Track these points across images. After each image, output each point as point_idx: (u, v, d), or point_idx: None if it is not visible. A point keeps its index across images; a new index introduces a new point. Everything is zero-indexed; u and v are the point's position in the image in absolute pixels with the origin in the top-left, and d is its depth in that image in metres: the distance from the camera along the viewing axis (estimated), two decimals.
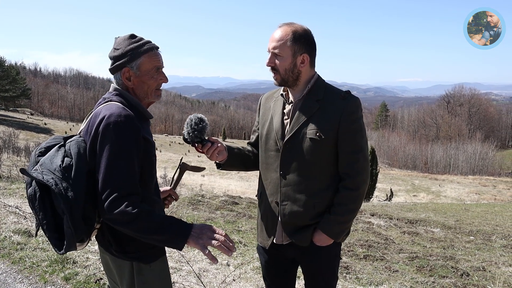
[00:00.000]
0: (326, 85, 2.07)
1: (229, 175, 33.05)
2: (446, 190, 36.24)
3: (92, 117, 1.71)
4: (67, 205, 1.52)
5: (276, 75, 2.02)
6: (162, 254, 1.84)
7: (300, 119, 2.01)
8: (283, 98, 2.14)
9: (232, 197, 9.91)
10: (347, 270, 4.57)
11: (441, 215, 10.45)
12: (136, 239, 1.70)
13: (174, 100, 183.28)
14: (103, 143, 1.61)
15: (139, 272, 1.77)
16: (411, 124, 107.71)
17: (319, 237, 2.04)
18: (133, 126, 1.64)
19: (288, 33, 1.95)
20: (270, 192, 2.14)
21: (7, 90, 64.50)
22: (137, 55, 1.76)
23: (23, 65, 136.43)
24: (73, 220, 1.54)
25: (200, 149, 2.05)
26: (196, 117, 1.98)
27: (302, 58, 1.98)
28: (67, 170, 1.58)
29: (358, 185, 2.01)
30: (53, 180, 1.53)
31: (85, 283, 3.71)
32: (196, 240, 1.60)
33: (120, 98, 1.77)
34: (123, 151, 1.60)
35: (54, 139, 1.78)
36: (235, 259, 4.68)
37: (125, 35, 1.82)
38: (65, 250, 1.58)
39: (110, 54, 1.81)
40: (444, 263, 5.05)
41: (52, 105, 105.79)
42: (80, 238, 1.61)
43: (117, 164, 1.59)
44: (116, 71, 1.79)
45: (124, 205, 1.55)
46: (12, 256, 4.35)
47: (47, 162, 1.61)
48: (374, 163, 22.99)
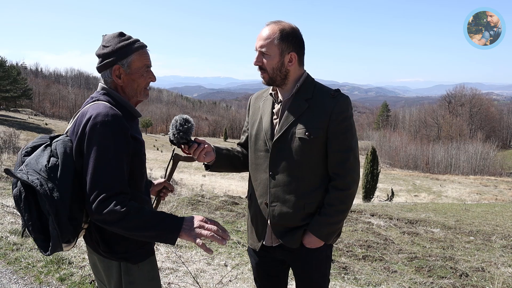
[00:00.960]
0: (315, 84, 2.04)
1: (230, 176, 33.01)
2: (447, 190, 36.16)
3: (79, 117, 1.69)
4: (52, 206, 1.50)
5: (264, 74, 1.99)
6: (151, 254, 1.82)
7: (289, 118, 1.98)
8: (272, 97, 2.10)
9: (232, 197, 9.88)
10: (346, 270, 4.53)
11: (441, 215, 10.41)
12: (123, 239, 1.70)
13: (175, 100, 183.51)
14: (90, 143, 1.58)
15: (127, 272, 1.75)
16: (412, 124, 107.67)
17: (309, 239, 2.00)
18: (120, 125, 1.62)
19: (275, 31, 1.92)
20: (260, 193, 2.10)
21: (8, 90, 64.55)
22: (128, 52, 1.74)
23: (24, 65, 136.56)
24: (58, 221, 1.51)
25: (186, 150, 2.02)
26: (181, 118, 1.95)
27: (290, 57, 1.95)
28: (53, 170, 1.55)
29: (348, 185, 1.97)
30: (38, 181, 1.50)
31: (80, 283, 3.68)
32: (188, 232, 1.58)
33: (107, 98, 1.75)
34: (110, 151, 1.58)
35: (41, 138, 1.75)
36: (233, 260, 4.65)
37: (113, 33, 1.79)
38: (50, 252, 1.55)
39: (98, 51, 1.78)
40: (443, 263, 5.01)
41: (53, 105, 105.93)
42: (66, 239, 1.57)
43: (105, 165, 1.57)
44: (105, 68, 1.76)
45: (112, 204, 1.53)
46: (8, 257, 4.33)
47: (32, 162, 1.58)
48: (375, 163, 22.97)
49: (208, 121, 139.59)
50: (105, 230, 1.69)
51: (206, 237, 1.57)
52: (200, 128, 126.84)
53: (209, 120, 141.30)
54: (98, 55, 1.78)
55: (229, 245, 5.20)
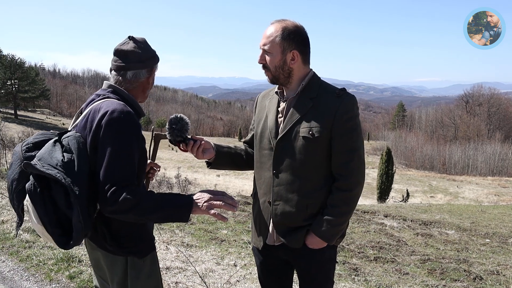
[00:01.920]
0: (321, 83, 2.01)
1: (245, 175, 33.04)
2: (464, 191, 35.63)
3: (91, 113, 1.72)
4: (76, 198, 1.54)
5: (267, 73, 1.99)
6: (153, 249, 1.88)
7: (294, 117, 1.96)
8: (278, 96, 2.09)
9: (245, 197, 9.86)
10: (356, 272, 4.48)
11: (457, 216, 10.22)
12: (130, 234, 1.77)
13: (190, 100, 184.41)
14: (106, 137, 1.63)
15: (133, 267, 1.80)
16: (429, 124, 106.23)
17: (312, 239, 1.97)
18: (135, 122, 1.69)
19: (278, 29, 1.92)
20: (263, 192, 2.09)
21: (26, 91, 65.64)
22: (158, 59, 1.92)
23: (43, 66, 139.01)
24: (83, 213, 1.56)
25: (184, 147, 2.05)
26: (176, 117, 2.01)
27: (292, 55, 1.93)
28: (69, 165, 1.59)
29: (352, 186, 1.94)
30: (60, 174, 1.54)
31: (89, 281, 3.71)
32: (201, 206, 1.67)
33: (116, 96, 1.80)
34: (125, 146, 1.63)
35: (42, 135, 1.78)
36: (243, 260, 4.63)
37: (141, 37, 1.90)
38: (72, 245, 1.60)
39: (136, 49, 1.83)
40: (456, 266, 4.91)
41: (70, 105, 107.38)
42: (86, 231, 1.63)
43: (119, 159, 1.62)
44: (144, 67, 1.85)
45: (124, 193, 1.57)
46: (20, 254, 4.39)
47: (46, 156, 1.60)
48: (390, 163, 22.76)
49: (223, 121, 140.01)
50: (112, 225, 1.75)
51: (218, 207, 1.67)
52: (215, 128, 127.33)
53: (223, 120, 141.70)
54: (136, 53, 1.82)
55: (239, 245, 5.18)
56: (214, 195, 1.69)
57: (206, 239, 5.36)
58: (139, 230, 1.81)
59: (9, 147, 16.84)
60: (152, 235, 1.90)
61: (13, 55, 64.64)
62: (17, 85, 63.50)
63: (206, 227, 6.04)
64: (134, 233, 1.79)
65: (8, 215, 5.80)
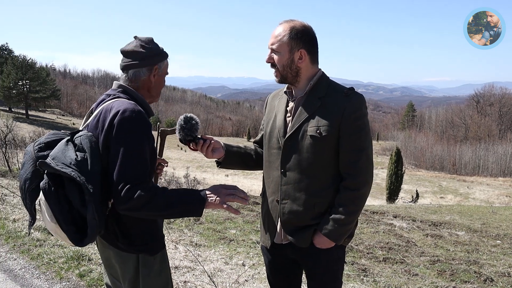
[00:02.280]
0: (330, 82, 2.02)
1: (253, 175, 33.11)
2: (475, 192, 35.29)
3: (102, 112, 1.75)
4: (91, 197, 1.57)
5: (276, 72, 2.01)
6: (163, 247, 1.91)
7: (302, 116, 1.97)
8: (287, 95, 2.10)
9: (254, 197, 9.88)
10: (365, 272, 4.46)
11: (467, 217, 10.13)
12: (142, 231, 1.80)
13: (199, 100, 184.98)
14: (118, 136, 1.66)
15: (144, 265, 1.82)
16: (439, 124, 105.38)
17: (319, 239, 1.97)
18: (146, 121, 1.72)
19: (286, 29, 1.94)
20: (272, 191, 2.10)
21: (37, 91, 66.29)
22: (164, 56, 1.93)
23: (53, 66, 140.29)
24: (97, 210, 1.59)
25: (194, 147, 2.07)
26: (186, 116, 2.03)
27: (299, 54, 1.94)
28: (82, 163, 1.61)
29: (359, 186, 1.93)
30: (74, 173, 1.57)
31: (99, 280, 3.74)
32: (214, 200, 1.70)
33: (126, 95, 1.82)
34: (137, 145, 1.66)
35: (54, 134, 1.81)
36: (251, 259, 4.63)
37: (148, 37, 1.91)
38: (86, 242, 1.63)
39: (137, 49, 1.85)
40: (467, 267, 4.87)
41: (81, 105, 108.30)
42: (100, 229, 1.67)
43: (132, 158, 1.64)
44: (144, 66, 1.86)
45: (138, 191, 1.61)
46: (31, 252, 4.44)
47: (59, 155, 1.63)
48: (400, 163, 22.63)
49: (232, 121, 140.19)
50: (123, 223, 1.78)
51: (231, 200, 1.71)
52: (224, 128, 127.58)
53: (232, 120, 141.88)
54: (137, 52, 1.85)
55: (248, 245, 5.19)
56: (226, 189, 1.73)
57: (214, 239, 5.38)
58: (150, 227, 1.83)
59: (21, 146, 17.05)
60: (162, 233, 1.93)
61: (24, 55, 65.41)
62: (28, 85, 64.20)
63: (215, 227, 6.06)
64: (145, 230, 1.81)
65: (19, 214, 5.87)
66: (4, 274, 3.98)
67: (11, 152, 14.81)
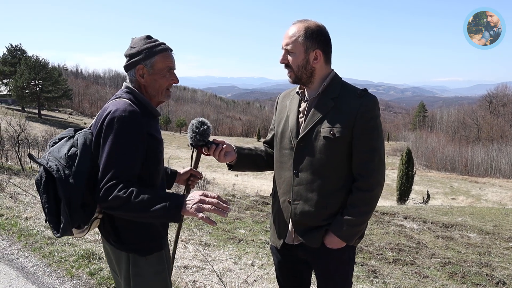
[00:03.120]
0: (342, 83, 2.01)
1: (263, 176, 33.05)
2: (487, 194, 34.87)
3: (101, 112, 1.79)
4: (66, 191, 1.60)
5: (290, 72, 1.99)
6: (159, 249, 1.87)
7: (315, 117, 1.96)
8: (299, 96, 2.09)
9: (263, 197, 9.86)
10: (375, 274, 4.43)
11: (479, 219, 10.00)
12: (133, 230, 1.80)
13: (209, 100, 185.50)
14: (106, 135, 1.68)
15: (134, 264, 1.82)
16: (451, 124, 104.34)
17: (330, 239, 1.97)
18: (136, 122, 1.70)
19: (300, 29, 1.92)
20: (283, 191, 2.10)
21: (50, 91, 67.06)
22: (152, 54, 1.83)
23: (65, 67, 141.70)
24: (69, 205, 1.60)
25: (206, 152, 2.05)
26: (197, 121, 2.00)
27: (314, 54, 1.93)
28: (71, 158, 1.67)
29: (372, 187, 1.93)
30: (55, 166, 1.62)
31: (108, 278, 3.77)
32: (191, 209, 1.64)
33: (129, 96, 1.83)
34: (123, 143, 1.67)
35: (68, 131, 1.87)
36: (260, 259, 4.63)
37: (141, 36, 1.89)
38: (61, 234, 1.65)
39: (126, 52, 1.88)
40: (478, 270, 4.81)
41: (92, 105, 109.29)
42: (76, 224, 1.66)
43: (116, 156, 1.65)
44: (131, 68, 1.86)
45: (116, 190, 1.61)
46: (43, 250, 4.49)
47: (55, 150, 1.72)
48: (411, 164, 22.44)
49: (242, 121, 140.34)
50: (116, 220, 1.79)
51: (208, 210, 1.63)
52: (234, 128, 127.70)
53: (242, 120, 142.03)
54: (125, 55, 1.88)
55: (257, 245, 5.19)
56: (207, 197, 1.66)
57: (224, 239, 5.39)
58: (144, 227, 1.82)
59: (33, 146, 17.24)
60: (160, 234, 1.88)
61: (37, 56, 66.24)
62: (41, 85, 65.00)
63: (224, 227, 6.07)
64: (138, 230, 1.80)
65: (31, 212, 5.94)
66: (17, 272, 4.03)
67: (24, 151, 15.00)
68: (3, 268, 4.12)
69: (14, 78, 64.08)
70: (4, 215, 5.87)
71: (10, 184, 8.22)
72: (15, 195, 7.21)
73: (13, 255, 4.45)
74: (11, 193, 7.35)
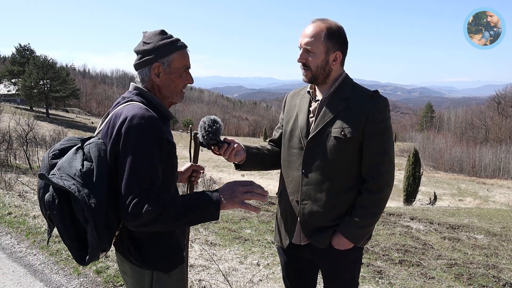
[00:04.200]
0: (353, 84, 2.01)
1: (269, 176, 33.03)
2: (495, 195, 34.57)
3: (112, 118, 1.62)
4: (91, 213, 1.43)
5: (307, 72, 1.97)
6: (181, 262, 1.78)
7: (326, 117, 1.96)
8: (310, 95, 2.09)
9: (270, 197, 9.86)
10: (380, 274, 4.42)
11: (486, 221, 9.94)
12: (155, 247, 1.67)
13: (216, 100, 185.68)
14: (126, 146, 1.52)
15: (158, 282, 1.71)
16: (458, 125, 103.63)
17: (338, 240, 1.97)
18: (156, 128, 1.56)
19: (322, 29, 1.90)
20: (291, 191, 2.09)
21: (58, 90, 67.45)
22: (170, 51, 1.69)
23: (73, 66, 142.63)
24: (97, 228, 1.45)
25: (216, 151, 1.99)
26: (209, 119, 1.91)
27: (335, 56, 1.93)
28: (88, 175, 1.48)
29: (381, 188, 1.93)
30: (75, 186, 1.44)
31: (115, 277, 3.80)
32: (231, 201, 1.57)
33: (141, 98, 1.69)
34: (146, 155, 1.52)
35: (69, 140, 1.70)
36: (266, 259, 4.64)
37: (155, 30, 1.74)
38: (87, 261, 1.51)
39: (137, 48, 1.72)
40: (485, 271, 4.78)
41: (99, 104, 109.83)
42: (103, 247, 1.53)
43: (140, 170, 1.50)
44: (144, 66, 1.70)
45: (146, 205, 1.47)
46: (51, 248, 4.54)
47: (65, 165, 1.51)
48: (417, 165, 22.29)
49: (248, 121, 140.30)
50: (138, 238, 1.65)
51: (251, 199, 1.58)
52: (240, 128, 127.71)
53: (249, 120, 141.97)
54: (137, 52, 1.72)
55: (263, 245, 5.20)
56: (243, 186, 1.60)
57: (229, 238, 5.40)
58: (167, 242, 1.71)
59: (41, 145, 17.39)
60: (181, 247, 1.78)
61: (45, 56, 66.69)
62: (49, 85, 65.43)
63: (230, 226, 6.09)
64: (160, 245, 1.68)
65: (39, 211, 5.99)
66: (25, 269, 4.08)
67: (32, 150, 15.14)
68: (12, 265, 4.17)
69: (22, 78, 64.58)
70: (13, 213, 5.93)
71: (18, 183, 8.31)
72: (23, 193, 7.29)
73: (21, 252, 4.50)
74: (20, 192, 7.44)
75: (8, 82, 72.95)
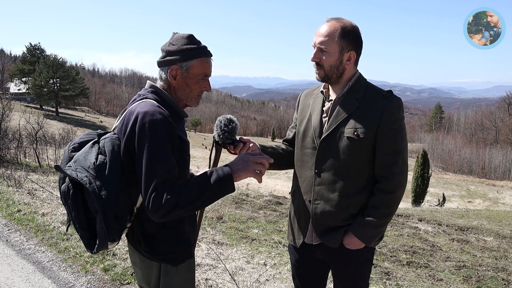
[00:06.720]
0: (367, 84, 2.00)
1: (277, 175, 33.01)
2: (505, 197, 34.21)
3: (127, 115, 1.69)
4: (100, 204, 1.51)
5: (320, 71, 1.96)
6: (190, 256, 1.83)
7: (339, 117, 1.95)
8: (323, 95, 2.08)
9: (277, 197, 9.86)
10: (388, 276, 4.39)
11: (496, 223, 9.83)
12: (165, 240, 1.73)
13: (224, 99, 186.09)
14: (141, 143, 1.58)
15: (166, 274, 1.77)
16: (468, 126, 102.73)
17: (350, 240, 1.96)
18: (168, 125, 1.61)
19: (336, 28, 1.89)
20: (304, 190, 2.09)
21: (67, 89, 68.14)
22: (191, 56, 1.72)
23: (83, 65, 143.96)
24: (106, 219, 1.52)
25: (232, 150, 1.99)
26: (225, 118, 1.92)
27: (349, 55, 1.92)
28: (101, 168, 1.56)
29: (394, 188, 1.91)
30: (87, 178, 1.51)
31: (122, 275, 3.82)
32: (245, 170, 1.64)
33: (155, 96, 1.74)
34: (160, 149, 1.57)
35: (88, 134, 1.77)
36: (273, 259, 4.63)
37: (184, 33, 1.78)
38: (96, 250, 1.58)
39: (164, 47, 1.77)
40: (494, 274, 4.73)
41: (108, 103, 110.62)
42: (112, 238, 1.59)
43: (156, 162, 1.56)
44: (165, 65, 1.75)
45: (165, 195, 1.52)
46: (59, 246, 4.58)
47: (81, 158, 1.59)
48: (426, 166, 22.12)
49: (256, 120, 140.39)
50: (148, 230, 1.72)
51: (261, 169, 1.68)
52: (248, 128, 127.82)
53: (257, 119, 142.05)
54: (162, 50, 1.77)
55: (270, 245, 5.20)
56: (254, 156, 1.68)
57: (236, 238, 5.40)
58: (176, 235, 1.76)
59: (50, 143, 17.54)
60: (190, 242, 1.82)
61: (55, 55, 67.39)
62: (58, 84, 66.10)
63: (237, 226, 6.09)
64: (169, 238, 1.73)
65: (48, 208, 6.05)
66: (33, 266, 4.11)
67: (41, 148, 15.28)
68: (20, 262, 4.21)
69: (33, 77, 65.30)
70: (22, 210, 5.99)
71: (28, 181, 8.38)
72: (32, 191, 7.36)
73: (30, 249, 4.55)
74: (29, 189, 7.51)
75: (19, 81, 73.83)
